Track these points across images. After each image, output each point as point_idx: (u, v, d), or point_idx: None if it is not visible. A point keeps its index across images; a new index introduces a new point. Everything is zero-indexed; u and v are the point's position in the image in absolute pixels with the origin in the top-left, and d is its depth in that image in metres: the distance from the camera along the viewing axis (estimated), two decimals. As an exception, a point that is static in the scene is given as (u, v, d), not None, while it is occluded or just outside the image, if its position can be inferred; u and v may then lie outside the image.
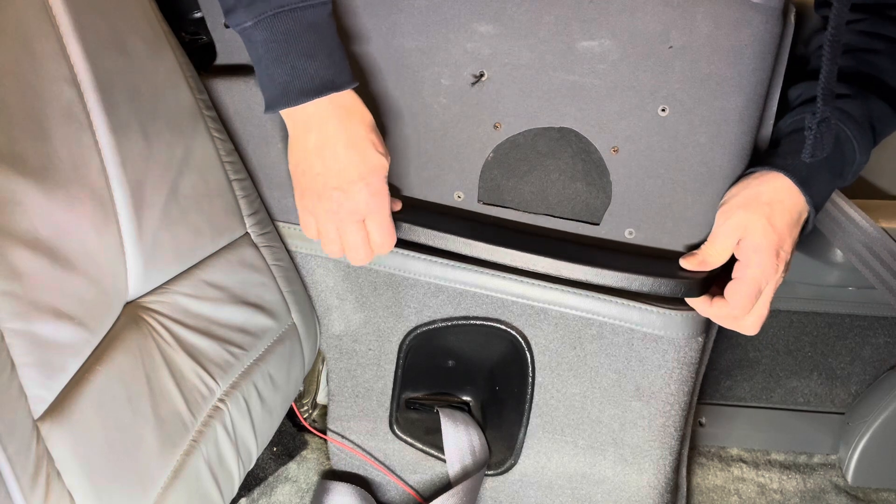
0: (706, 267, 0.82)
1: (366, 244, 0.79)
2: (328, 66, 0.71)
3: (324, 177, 0.74)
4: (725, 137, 0.83)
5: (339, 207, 0.75)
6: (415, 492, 1.14)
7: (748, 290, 0.80)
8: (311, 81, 0.70)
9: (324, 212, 0.77)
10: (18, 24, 0.67)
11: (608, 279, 0.83)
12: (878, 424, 1.27)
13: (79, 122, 0.71)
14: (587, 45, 0.82)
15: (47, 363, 0.64)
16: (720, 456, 1.34)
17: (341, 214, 0.76)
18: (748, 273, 0.79)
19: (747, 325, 0.83)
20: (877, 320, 1.24)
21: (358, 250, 0.79)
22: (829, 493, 1.29)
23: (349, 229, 0.77)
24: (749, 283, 0.79)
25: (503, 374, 1.08)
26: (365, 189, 0.75)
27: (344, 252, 0.80)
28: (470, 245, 0.85)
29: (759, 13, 0.78)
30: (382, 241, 0.79)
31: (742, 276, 0.80)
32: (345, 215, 0.76)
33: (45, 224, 0.65)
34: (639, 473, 1.07)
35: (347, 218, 0.76)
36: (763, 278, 0.79)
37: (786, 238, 0.79)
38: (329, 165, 0.74)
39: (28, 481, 0.61)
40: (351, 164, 0.74)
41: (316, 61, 0.70)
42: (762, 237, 0.78)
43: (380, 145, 0.76)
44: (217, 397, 0.84)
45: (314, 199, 0.76)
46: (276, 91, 0.71)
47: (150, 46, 0.81)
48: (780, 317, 1.24)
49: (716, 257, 0.82)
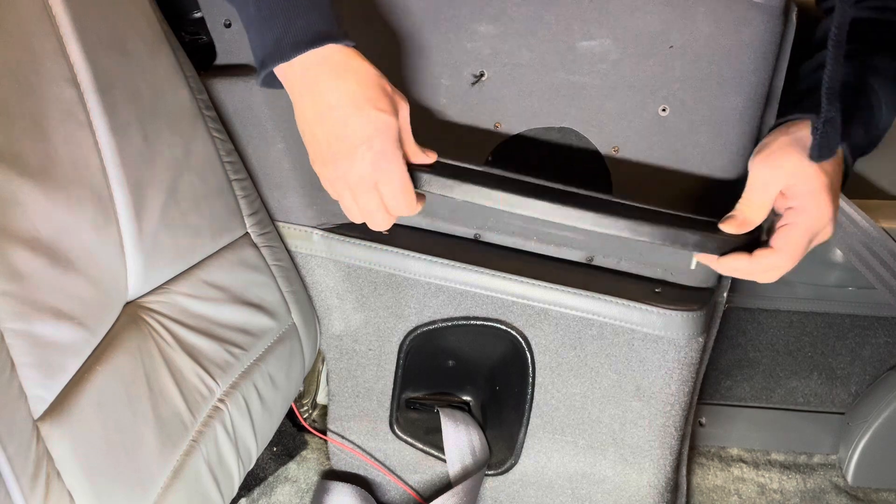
0: (749, 227, 0.75)
1: (382, 209, 0.73)
2: (320, 19, 0.68)
3: (327, 143, 0.70)
4: (726, 137, 0.83)
5: (346, 174, 0.71)
6: (415, 492, 1.14)
7: (802, 237, 0.73)
8: (304, 34, 0.67)
9: (334, 179, 0.72)
10: (18, 24, 0.67)
11: (648, 234, 0.75)
12: (878, 424, 1.27)
13: (79, 122, 0.71)
14: (587, 44, 0.82)
15: (47, 363, 0.64)
16: (720, 456, 1.34)
17: (351, 181, 0.71)
18: (803, 219, 0.73)
19: (772, 275, 0.76)
20: (877, 320, 1.24)
21: (374, 216, 0.73)
22: (829, 494, 1.29)
23: (362, 196, 0.72)
24: (804, 230, 0.73)
25: (503, 374, 1.08)
26: (368, 153, 0.69)
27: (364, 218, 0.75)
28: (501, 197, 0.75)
29: (760, 12, 0.78)
30: (397, 205, 0.73)
31: (796, 222, 0.73)
32: (354, 182, 0.71)
33: (45, 224, 0.65)
34: (639, 473, 1.07)
35: (358, 185, 0.71)
36: (818, 224, 0.73)
37: (836, 184, 0.73)
38: (329, 130, 0.69)
39: (28, 481, 0.61)
40: (351, 128, 0.68)
41: (309, 16, 0.68)
42: (816, 179, 0.72)
43: (382, 101, 0.69)
44: (217, 397, 0.84)
45: (322, 166, 0.72)
46: (269, 48, 0.68)
47: (150, 46, 0.81)
48: (780, 317, 1.24)
49: (758, 212, 0.75)
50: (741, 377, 1.30)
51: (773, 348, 1.27)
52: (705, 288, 0.98)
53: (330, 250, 1.01)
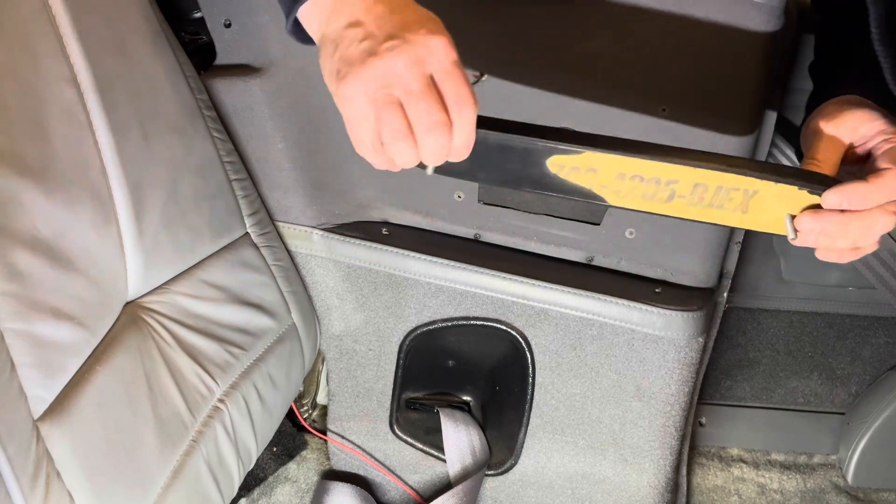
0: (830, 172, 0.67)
1: (439, 107, 0.56)
2: None
3: (371, 38, 0.56)
4: (726, 137, 0.83)
5: (394, 62, 0.55)
6: (415, 492, 1.14)
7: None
8: None
9: (375, 81, 0.55)
10: (18, 24, 0.67)
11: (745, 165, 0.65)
12: (878, 424, 1.27)
13: (79, 122, 0.71)
14: (587, 45, 0.82)
15: (47, 363, 0.64)
16: (720, 456, 1.34)
17: (399, 68, 0.55)
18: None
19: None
20: (877, 320, 1.24)
21: (431, 114, 0.56)
22: (829, 494, 1.29)
23: (415, 90, 0.55)
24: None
25: (503, 375, 1.08)
26: (421, 30, 0.56)
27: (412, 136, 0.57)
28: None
29: (760, 12, 0.78)
30: (459, 94, 0.57)
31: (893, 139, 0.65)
32: (403, 70, 0.55)
33: (45, 224, 0.65)
34: (639, 473, 1.07)
35: (408, 73, 0.55)
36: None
37: None
38: (375, 23, 0.56)
39: (28, 481, 0.61)
40: (394, 13, 0.57)
41: None
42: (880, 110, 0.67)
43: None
44: (217, 397, 0.84)
45: (357, 79, 0.56)
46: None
47: (150, 46, 0.81)
48: (780, 317, 1.24)
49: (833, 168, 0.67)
50: (741, 377, 1.30)
51: (773, 348, 1.27)
52: (705, 288, 0.98)
53: (330, 250, 1.01)
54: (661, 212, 0.65)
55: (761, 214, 0.65)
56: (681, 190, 0.64)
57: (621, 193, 0.64)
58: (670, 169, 0.63)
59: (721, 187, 0.64)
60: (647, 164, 0.63)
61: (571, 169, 0.64)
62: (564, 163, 0.63)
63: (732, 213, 0.65)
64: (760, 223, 0.66)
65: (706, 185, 0.64)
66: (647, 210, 0.65)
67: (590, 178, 0.64)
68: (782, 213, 0.65)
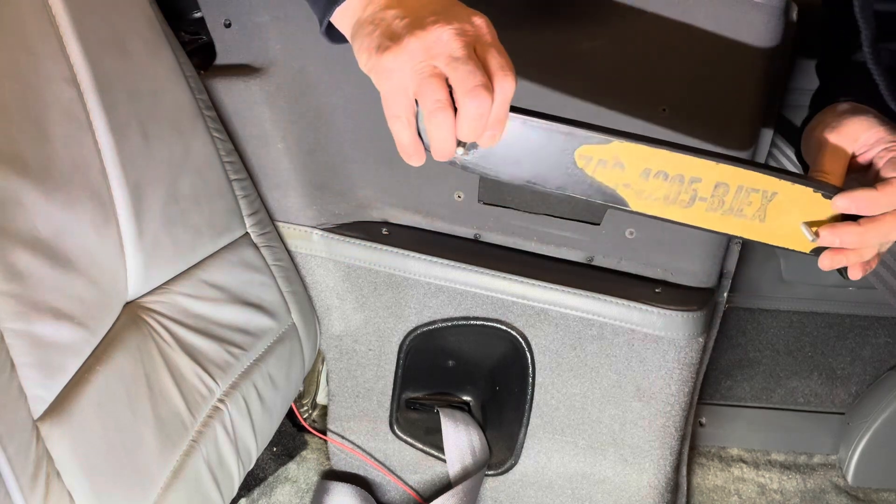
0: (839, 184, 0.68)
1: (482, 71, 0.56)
2: None
3: (412, 16, 0.57)
4: (726, 137, 0.83)
5: (440, 32, 0.55)
6: (415, 492, 1.14)
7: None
8: None
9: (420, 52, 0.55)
10: (18, 24, 0.67)
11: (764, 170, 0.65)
12: (878, 424, 1.27)
13: (79, 122, 0.71)
14: (587, 45, 0.82)
15: (47, 363, 0.64)
16: (720, 456, 1.34)
17: (444, 39, 0.55)
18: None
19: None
20: (877, 320, 1.24)
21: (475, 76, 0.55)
22: (829, 494, 1.29)
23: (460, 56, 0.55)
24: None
25: (503, 375, 1.08)
26: (464, 11, 0.57)
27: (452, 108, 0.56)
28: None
29: (761, 13, 0.78)
30: (502, 63, 0.57)
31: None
32: (449, 38, 0.55)
33: (45, 224, 0.65)
34: (639, 473, 1.07)
35: (453, 41, 0.55)
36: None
37: None
38: (411, 8, 0.57)
39: (28, 481, 0.61)
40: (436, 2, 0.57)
41: None
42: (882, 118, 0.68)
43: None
44: (217, 397, 0.84)
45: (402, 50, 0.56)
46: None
47: (150, 46, 0.81)
48: (780, 317, 1.24)
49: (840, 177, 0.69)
50: (741, 377, 1.30)
51: (773, 348, 1.27)
52: (705, 288, 0.98)
53: (330, 250, 1.01)
54: (681, 219, 0.65)
55: (779, 222, 0.66)
56: (702, 191, 0.64)
57: (643, 194, 0.64)
58: (694, 164, 0.64)
59: (742, 187, 0.65)
60: (673, 157, 0.63)
61: (598, 162, 0.64)
62: (592, 154, 0.63)
63: (751, 221, 0.66)
64: (779, 235, 0.67)
65: (727, 185, 0.64)
66: (666, 217, 0.65)
67: (615, 174, 0.64)
68: (798, 222, 0.66)
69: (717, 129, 0.83)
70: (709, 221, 0.66)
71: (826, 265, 0.68)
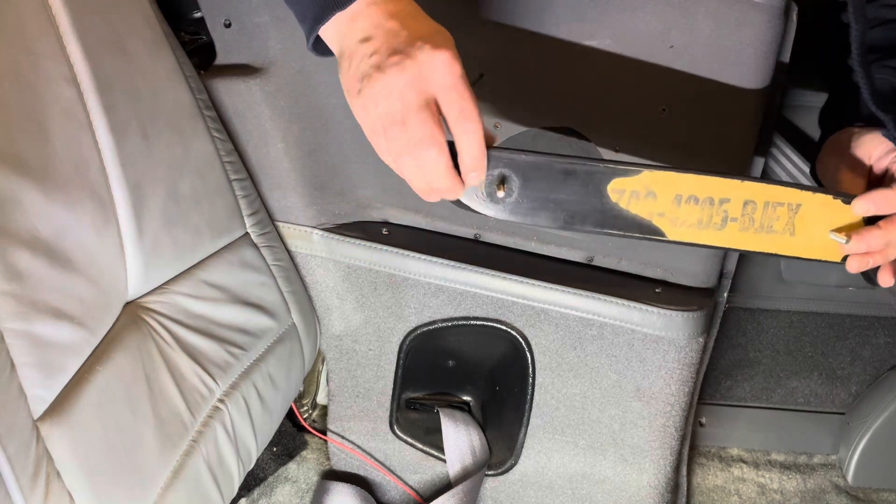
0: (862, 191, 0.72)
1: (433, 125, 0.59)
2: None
3: (380, 53, 0.59)
4: (726, 137, 0.84)
5: (400, 75, 0.58)
6: (415, 492, 1.14)
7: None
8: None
9: (383, 92, 0.58)
10: (18, 24, 0.67)
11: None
12: (878, 424, 1.27)
13: (79, 122, 0.71)
14: (587, 44, 0.82)
15: (47, 363, 0.64)
16: (720, 456, 1.34)
17: (400, 85, 0.58)
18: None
19: None
20: (877, 320, 1.24)
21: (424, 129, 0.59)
22: (829, 494, 1.29)
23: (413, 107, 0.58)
24: None
25: (503, 375, 1.08)
26: (426, 46, 0.58)
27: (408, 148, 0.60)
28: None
29: (761, 12, 0.78)
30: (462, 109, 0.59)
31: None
32: (407, 84, 0.58)
33: (45, 224, 0.65)
34: (639, 473, 1.07)
35: (408, 91, 0.58)
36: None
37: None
38: (384, 39, 0.59)
39: (28, 481, 0.61)
40: (403, 29, 0.59)
41: None
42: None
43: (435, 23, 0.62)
44: (217, 397, 0.84)
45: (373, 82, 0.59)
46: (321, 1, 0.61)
47: (150, 46, 0.81)
48: (780, 317, 1.24)
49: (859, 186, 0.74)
50: (741, 377, 1.30)
51: (773, 348, 1.27)
52: (705, 288, 0.98)
53: (330, 250, 1.01)
54: (717, 243, 0.68)
55: (808, 234, 0.68)
56: (733, 211, 0.67)
57: (678, 222, 0.66)
58: (721, 185, 0.66)
59: (768, 203, 0.67)
60: (701, 180, 0.66)
61: (631, 194, 0.65)
62: (624, 186, 0.65)
63: (782, 236, 0.68)
64: (810, 248, 0.69)
65: (755, 203, 0.67)
66: (702, 242, 0.67)
67: (648, 205, 0.66)
68: (826, 231, 0.69)
69: (717, 129, 0.83)
70: (743, 242, 0.68)
71: (854, 268, 0.70)
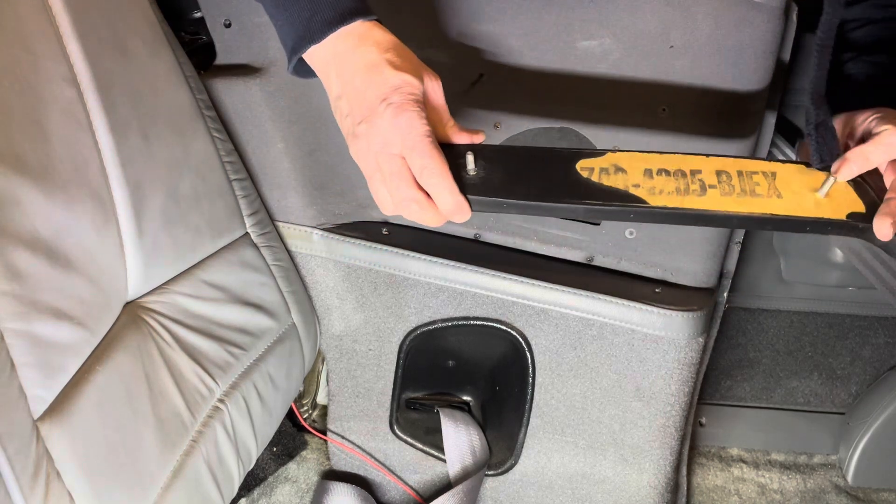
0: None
1: (407, 184, 0.64)
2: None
3: (351, 116, 0.65)
4: (726, 137, 0.83)
5: (369, 142, 0.64)
6: (415, 492, 1.14)
7: None
8: (333, 11, 0.66)
9: (361, 155, 0.65)
10: (18, 24, 0.67)
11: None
12: (878, 424, 1.27)
13: (79, 122, 0.71)
14: (587, 44, 0.82)
15: (47, 363, 0.64)
16: (720, 456, 1.34)
17: (374, 147, 0.64)
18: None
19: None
20: (877, 320, 1.24)
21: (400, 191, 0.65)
22: (829, 493, 1.29)
23: (387, 167, 0.64)
24: None
25: (503, 375, 1.08)
26: (388, 110, 0.63)
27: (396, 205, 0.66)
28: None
29: (761, 12, 0.78)
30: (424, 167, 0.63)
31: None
32: (378, 149, 0.64)
33: (45, 224, 0.65)
34: (639, 473, 1.07)
35: (382, 153, 0.64)
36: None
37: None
38: (352, 101, 0.65)
39: (28, 481, 0.61)
40: (367, 89, 0.64)
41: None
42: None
43: (402, 63, 0.66)
44: (217, 397, 0.84)
45: (352, 139, 0.66)
46: (300, 30, 0.66)
47: (150, 46, 0.81)
48: (780, 317, 1.24)
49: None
50: (741, 377, 1.30)
51: (773, 348, 1.27)
52: (705, 288, 0.98)
53: (330, 250, 1.01)
54: (703, 206, 0.65)
55: (798, 195, 0.66)
56: (708, 179, 0.66)
57: (656, 190, 0.65)
58: (687, 160, 0.66)
59: (741, 171, 0.66)
60: (666, 157, 0.66)
61: (601, 171, 0.66)
62: (592, 165, 0.66)
63: (769, 199, 0.66)
64: (806, 207, 0.66)
65: (728, 172, 0.66)
66: (687, 206, 0.65)
67: (620, 178, 0.65)
68: (813, 190, 0.66)
69: (717, 129, 0.83)
70: (730, 206, 0.65)
71: (883, 230, 0.66)
